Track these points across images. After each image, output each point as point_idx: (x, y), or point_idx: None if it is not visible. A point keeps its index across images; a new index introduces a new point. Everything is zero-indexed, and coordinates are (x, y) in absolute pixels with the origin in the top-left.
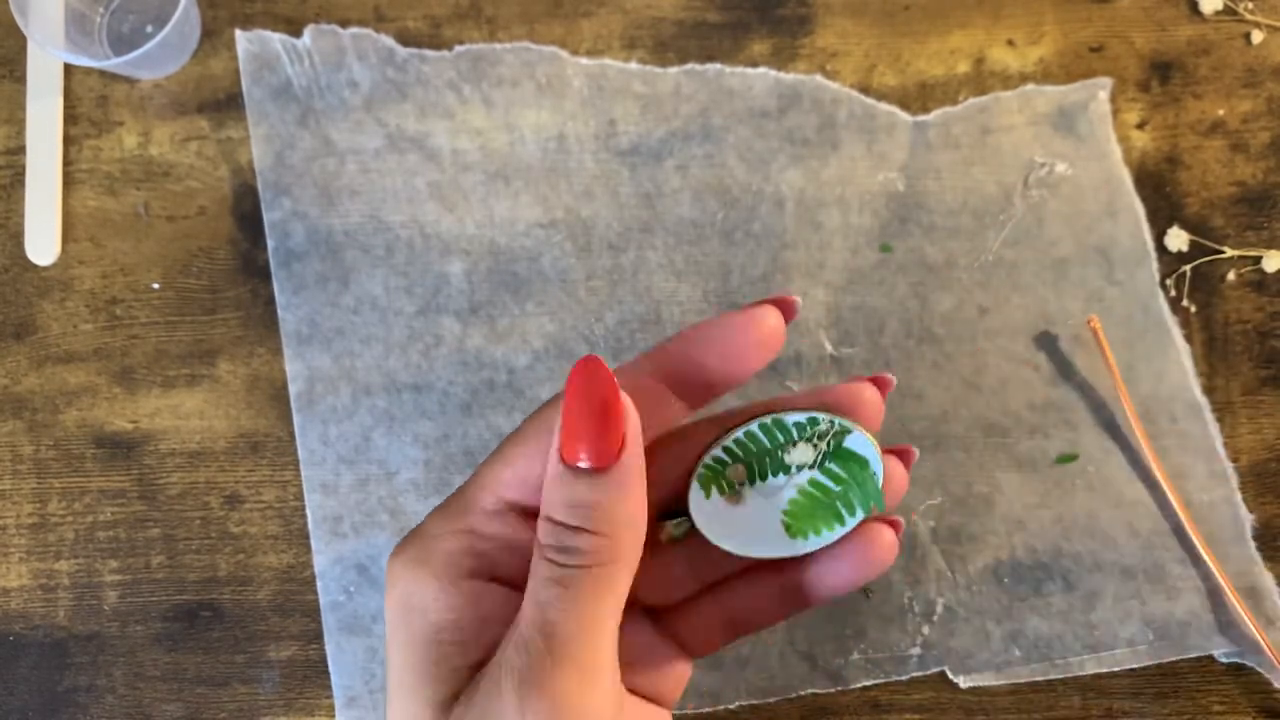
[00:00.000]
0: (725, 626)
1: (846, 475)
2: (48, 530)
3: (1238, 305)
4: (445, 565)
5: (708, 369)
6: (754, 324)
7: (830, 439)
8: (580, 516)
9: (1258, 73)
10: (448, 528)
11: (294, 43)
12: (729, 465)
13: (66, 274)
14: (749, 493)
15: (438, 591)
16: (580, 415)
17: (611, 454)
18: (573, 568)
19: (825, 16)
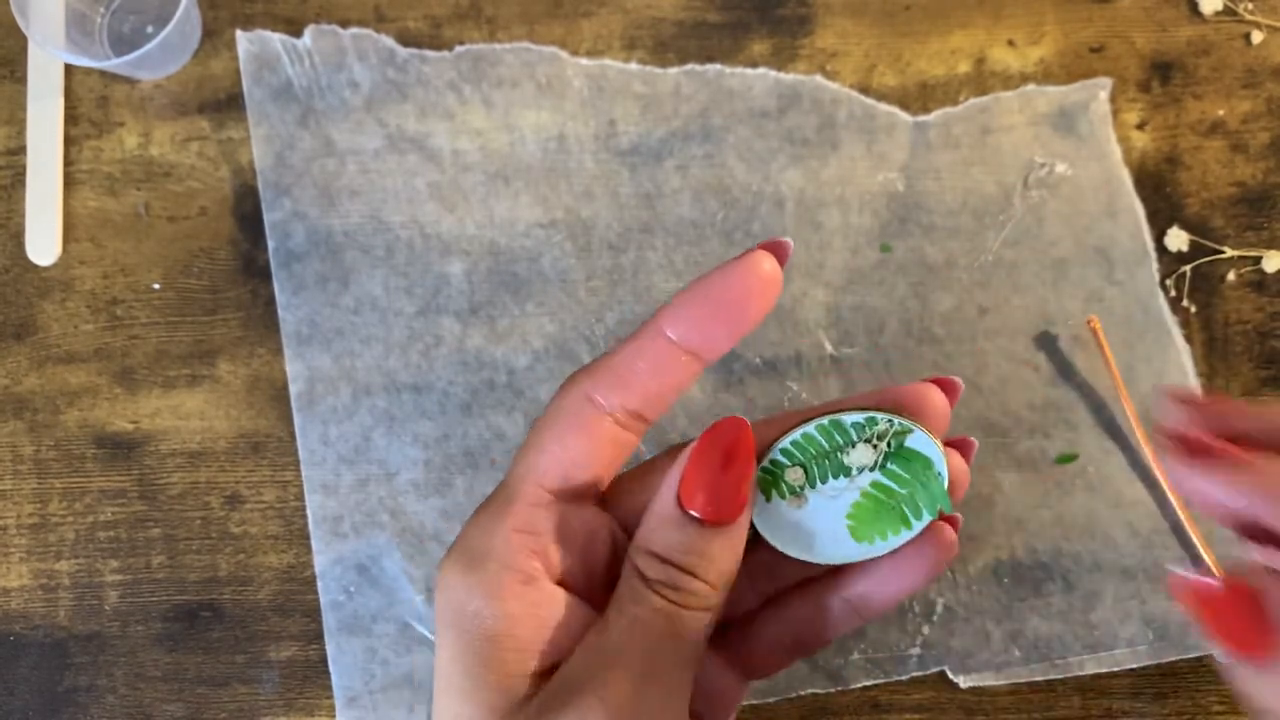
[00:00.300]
0: (789, 646)
1: (910, 476)
2: (48, 530)
3: (1238, 305)
4: (499, 572)
5: (712, 321)
6: (750, 270)
7: (890, 439)
8: (692, 561)
9: (1258, 73)
10: (496, 530)
11: (294, 43)
12: (787, 468)
13: (67, 274)
14: (810, 496)
15: (493, 600)
16: (715, 471)
17: (734, 514)
18: (679, 606)
19: (825, 16)
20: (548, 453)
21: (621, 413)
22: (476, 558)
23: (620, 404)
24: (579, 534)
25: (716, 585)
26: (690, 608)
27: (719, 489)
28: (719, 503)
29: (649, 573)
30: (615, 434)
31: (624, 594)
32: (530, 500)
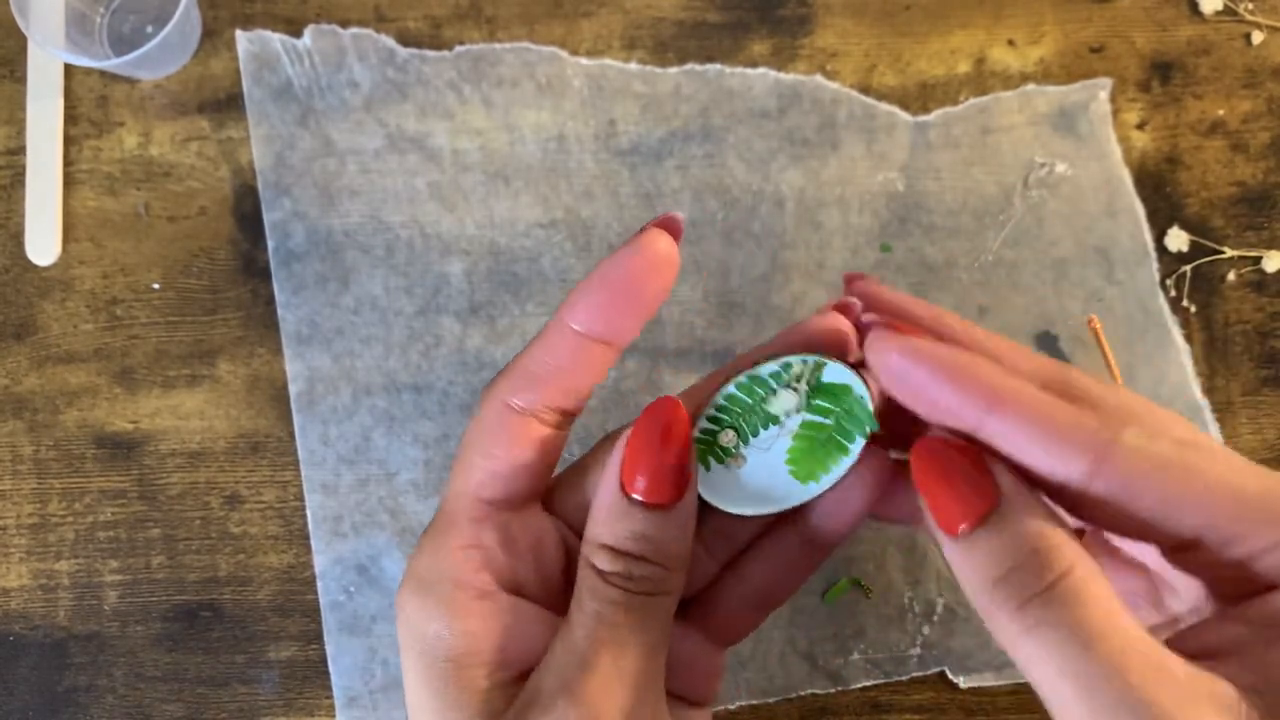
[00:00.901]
0: (755, 603)
1: (834, 406)
2: (48, 530)
3: (1238, 305)
4: (452, 591)
5: (612, 307)
6: (644, 251)
7: (808, 377)
8: (644, 547)
9: (1258, 73)
10: (442, 552)
11: (294, 43)
12: (718, 433)
13: (67, 274)
14: (746, 453)
15: (451, 620)
16: (653, 453)
17: (678, 493)
18: (638, 594)
19: (825, 16)
20: (479, 468)
21: (544, 411)
22: (428, 581)
23: (540, 403)
24: (526, 541)
25: (672, 567)
26: (650, 594)
27: (660, 470)
28: (662, 484)
29: (603, 566)
30: (541, 434)
31: (582, 591)
32: (471, 516)
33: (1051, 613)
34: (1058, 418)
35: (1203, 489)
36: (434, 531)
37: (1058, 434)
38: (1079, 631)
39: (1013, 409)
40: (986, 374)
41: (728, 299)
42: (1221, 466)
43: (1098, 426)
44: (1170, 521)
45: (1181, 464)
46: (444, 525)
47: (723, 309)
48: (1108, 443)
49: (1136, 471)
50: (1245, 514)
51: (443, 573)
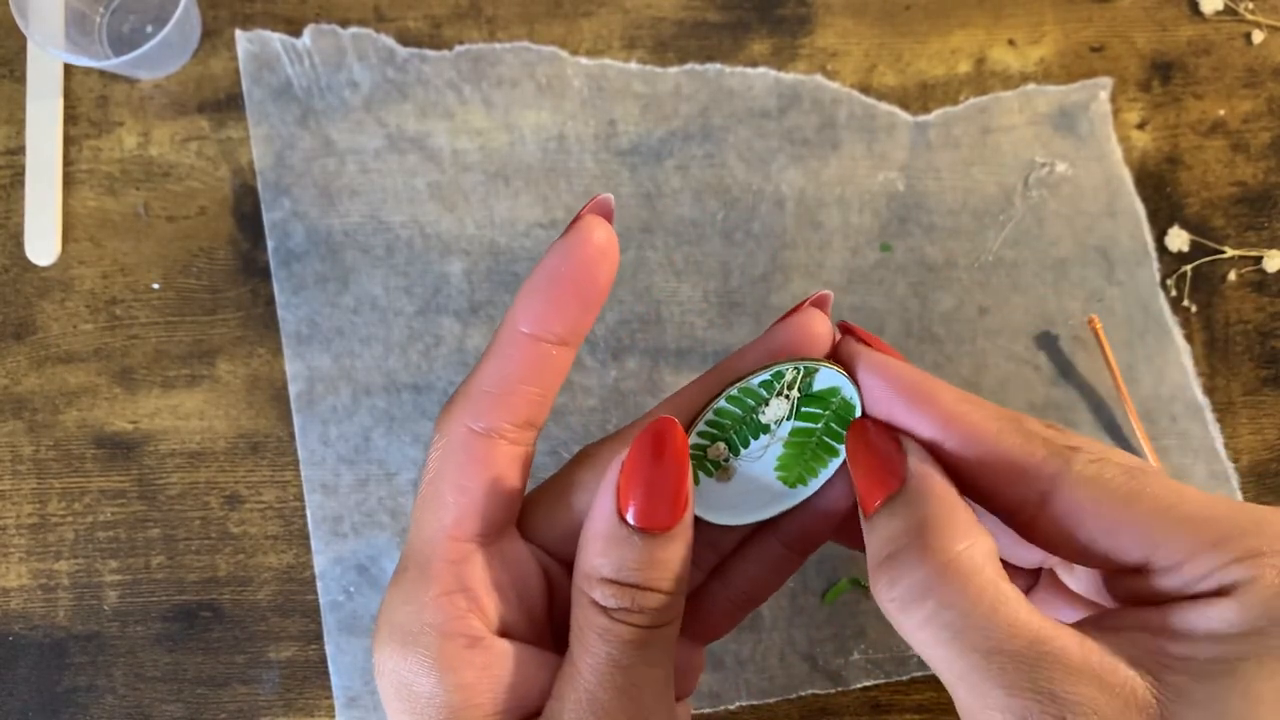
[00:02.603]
0: (737, 604)
1: (823, 410)
2: (48, 530)
3: (1238, 305)
4: (440, 643)
5: (563, 302)
6: (586, 240)
7: (800, 385)
8: (648, 576)
9: (1258, 73)
10: (423, 600)
11: (294, 43)
12: (708, 446)
13: (66, 274)
14: (736, 465)
15: (443, 675)
16: (651, 475)
17: (679, 515)
18: (648, 627)
19: (825, 16)
20: (451, 505)
21: (510, 430)
22: (410, 633)
23: (505, 422)
24: (509, 576)
25: (676, 591)
26: (658, 625)
27: (660, 493)
28: (662, 507)
29: (608, 602)
30: (511, 454)
31: (587, 630)
32: (449, 558)
33: (929, 598)
34: (1011, 442)
35: (1149, 513)
36: (407, 579)
37: (1010, 456)
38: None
39: (966, 429)
40: (945, 396)
41: (728, 299)
42: (1168, 492)
43: (1047, 454)
44: (1116, 546)
45: (1128, 490)
46: (418, 571)
47: (723, 309)
48: (1058, 468)
49: (1086, 496)
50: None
51: (426, 623)
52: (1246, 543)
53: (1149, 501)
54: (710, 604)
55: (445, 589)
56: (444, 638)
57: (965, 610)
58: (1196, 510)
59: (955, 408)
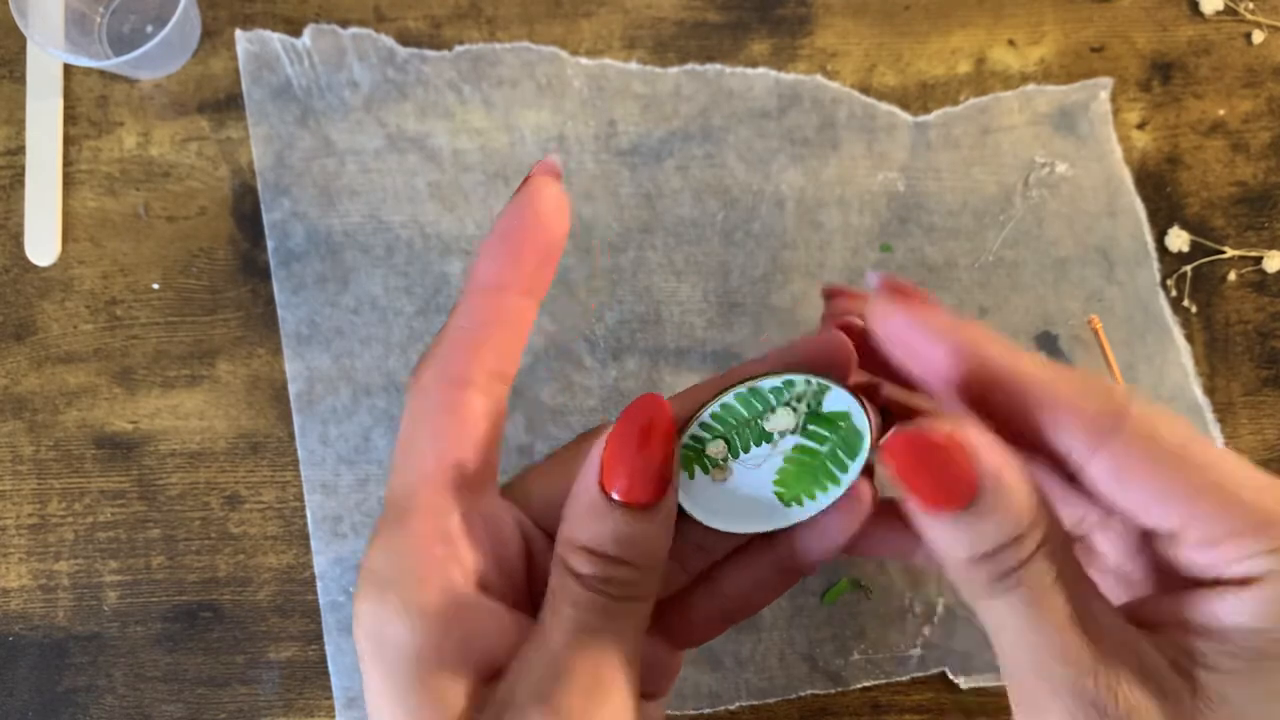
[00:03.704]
0: (723, 615)
1: (830, 433)
2: (48, 531)
3: (1238, 306)
4: (413, 591)
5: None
6: (537, 198)
7: (809, 399)
8: (623, 549)
9: (1258, 73)
10: (403, 549)
11: (294, 43)
12: (708, 441)
13: (66, 274)
14: (734, 467)
15: (412, 622)
16: (635, 450)
17: (659, 493)
18: (618, 599)
19: (825, 16)
20: (429, 453)
21: (481, 378)
22: (387, 582)
23: (477, 370)
24: (486, 531)
25: (651, 569)
26: (629, 598)
27: (642, 469)
28: (643, 484)
29: (582, 569)
30: (484, 405)
31: (558, 595)
32: (428, 509)
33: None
34: (1067, 385)
35: (1194, 483)
36: (386, 529)
37: (1068, 401)
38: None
39: (1024, 373)
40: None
41: (728, 299)
42: (1219, 464)
43: (1101, 404)
44: (1157, 509)
45: (1181, 455)
46: (396, 519)
47: (723, 309)
48: (1110, 428)
49: (1138, 452)
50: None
51: (403, 570)
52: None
53: (1197, 472)
54: (693, 609)
55: (423, 537)
56: (419, 583)
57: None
58: (1243, 490)
59: (1013, 353)
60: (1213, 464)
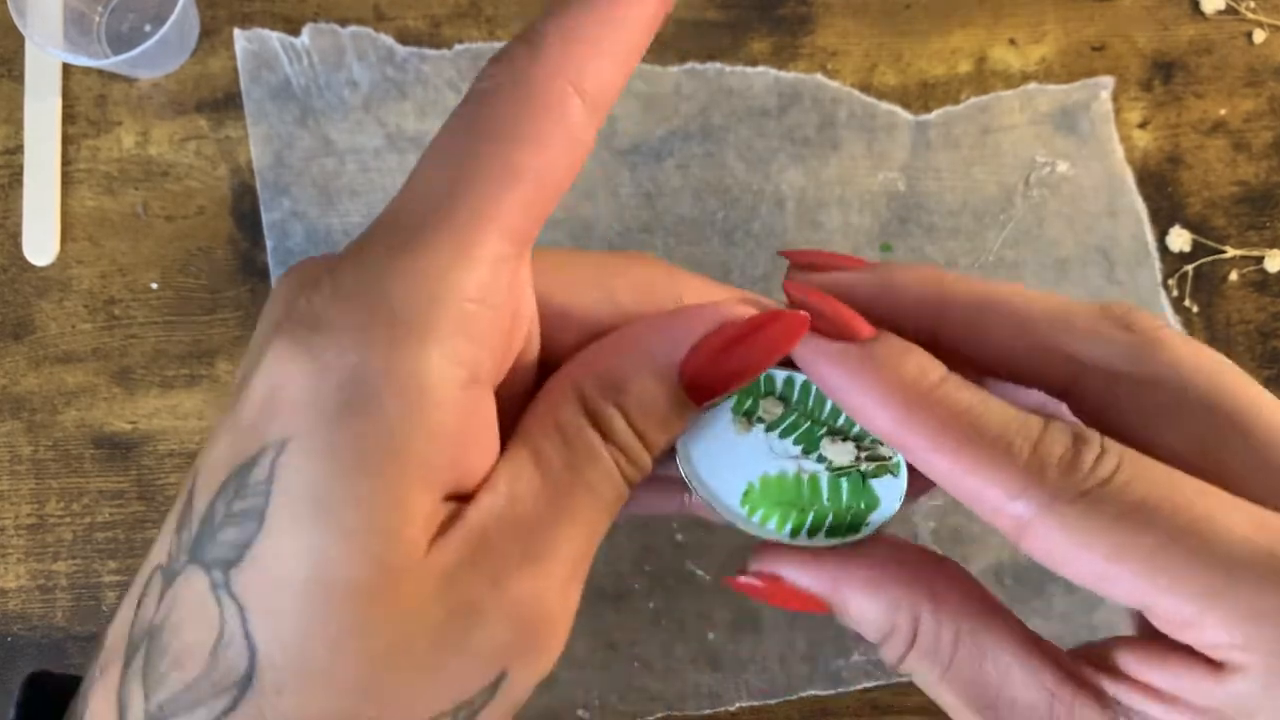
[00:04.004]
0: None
1: (846, 501)
2: (46, 531)
3: (1240, 305)
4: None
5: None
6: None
7: (872, 466)
8: (657, 436)
9: (1260, 72)
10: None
11: (293, 42)
12: (767, 396)
13: (65, 274)
14: (755, 432)
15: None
16: (743, 362)
17: (722, 391)
18: (629, 482)
19: (826, 15)
20: (522, 178)
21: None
22: (406, 328)
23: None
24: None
25: (656, 460)
26: (632, 483)
27: (728, 375)
28: (717, 388)
29: (612, 433)
30: (586, 137)
31: (572, 441)
32: (493, 255)
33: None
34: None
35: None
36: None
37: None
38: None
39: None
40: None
41: None
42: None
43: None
44: (1111, 591)
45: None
46: (454, 249)
47: None
48: (1037, 508)
49: (1071, 537)
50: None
51: (434, 326)
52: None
53: (1156, 552)
54: None
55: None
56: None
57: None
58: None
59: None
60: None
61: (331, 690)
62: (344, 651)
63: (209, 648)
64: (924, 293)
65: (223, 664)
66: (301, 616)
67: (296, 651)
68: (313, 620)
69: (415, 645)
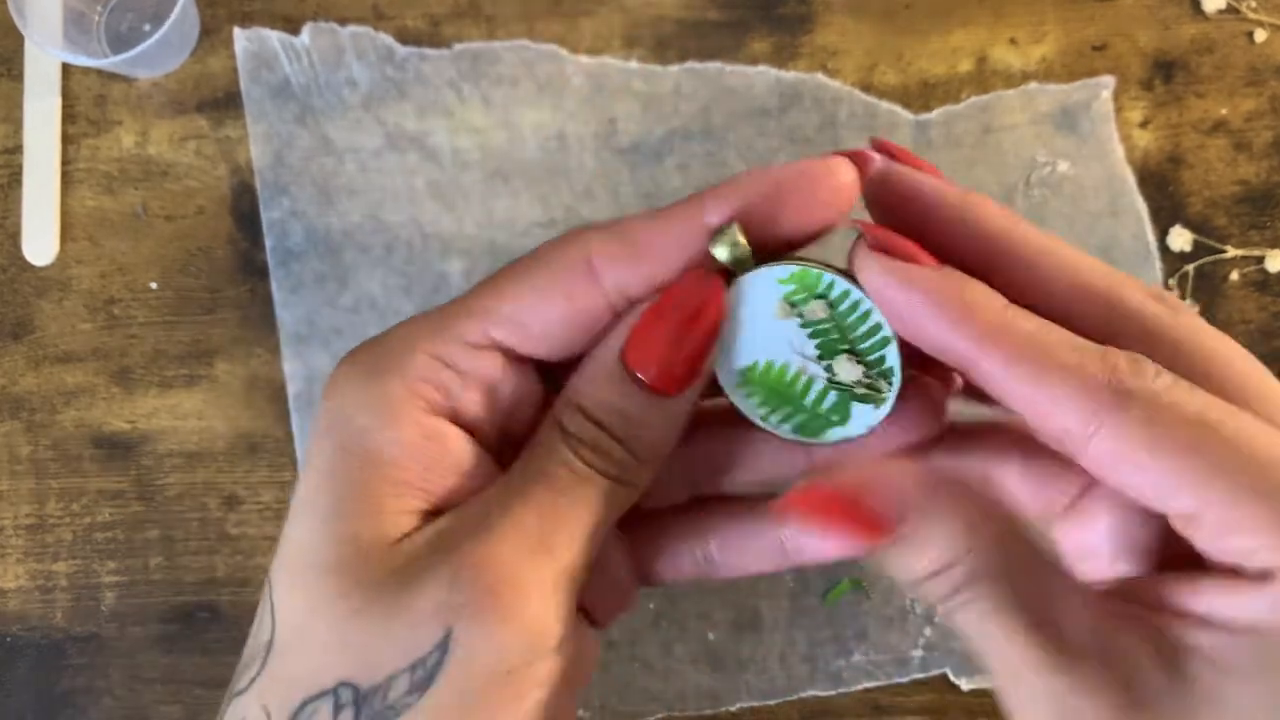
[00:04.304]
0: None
1: (825, 411)
2: (45, 531)
3: (1241, 305)
4: (402, 392)
5: (774, 219)
6: (827, 174)
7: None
8: (623, 429)
9: (1260, 71)
10: (419, 346)
11: (292, 41)
12: (820, 298)
13: (64, 274)
14: (790, 324)
15: (387, 420)
16: (672, 334)
17: (683, 386)
18: (601, 474)
19: (826, 15)
20: (520, 303)
21: (616, 294)
22: (381, 370)
23: (621, 284)
24: (505, 392)
25: (645, 460)
26: (606, 473)
27: (673, 356)
28: (669, 371)
29: (570, 426)
30: (597, 316)
31: (537, 447)
32: (470, 339)
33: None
34: (1055, 366)
35: (1215, 465)
36: (422, 327)
37: (1053, 383)
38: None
39: (1003, 353)
40: (979, 309)
41: None
42: (1250, 438)
43: (1102, 381)
44: (1168, 494)
45: (1197, 430)
46: (437, 328)
47: None
48: (1110, 405)
49: (1139, 440)
50: (1250, 506)
51: (401, 368)
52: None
53: (1215, 449)
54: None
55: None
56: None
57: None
58: (1272, 469)
59: (993, 326)
60: (1236, 436)
61: (314, 649)
62: (320, 616)
63: (258, 623)
64: (998, 221)
65: (261, 634)
66: (295, 590)
67: (291, 619)
68: (303, 593)
69: (373, 609)
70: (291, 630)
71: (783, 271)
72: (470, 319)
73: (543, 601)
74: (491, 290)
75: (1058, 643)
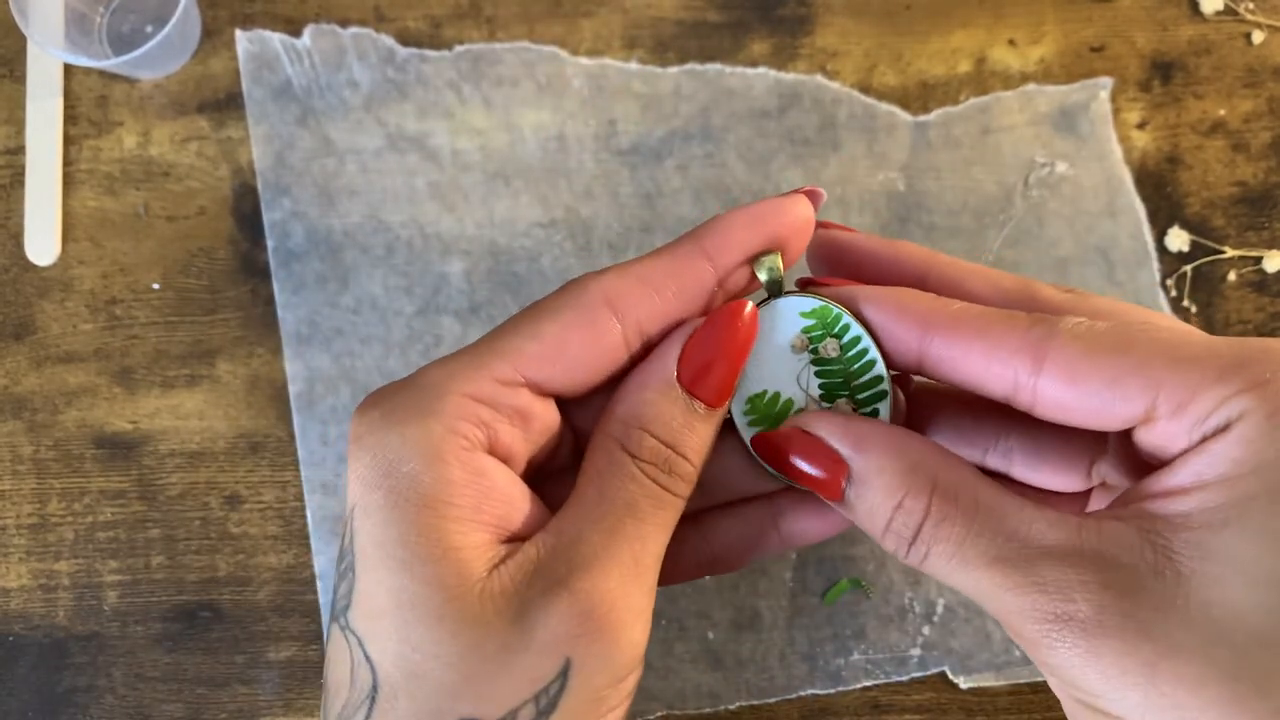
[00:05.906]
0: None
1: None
2: (47, 530)
3: (1239, 306)
4: (442, 434)
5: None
6: (785, 209)
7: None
8: (685, 442)
9: (1258, 73)
10: (453, 388)
11: (294, 42)
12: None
13: (66, 274)
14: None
15: (433, 463)
16: (720, 353)
17: (725, 398)
18: (671, 491)
19: (825, 16)
20: (543, 342)
21: (633, 331)
22: (418, 414)
23: (637, 321)
24: (538, 426)
25: (697, 470)
26: (675, 493)
27: (719, 373)
28: (719, 388)
29: (640, 451)
30: (616, 351)
31: (606, 471)
32: (499, 376)
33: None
34: (990, 326)
35: (1146, 357)
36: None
37: (991, 339)
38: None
39: (944, 329)
40: (917, 304)
41: None
42: (1167, 335)
43: (1030, 324)
44: (1120, 398)
45: (1119, 339)
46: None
47: None
48: (1043, 337)
49: (1076, 355)
50: (1192, 375)
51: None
52: (1250, 372)
53: (1145, 347)
54: (683, 543)
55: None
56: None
57: (959, 539)
58: (1197, 348)
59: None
60: (1159, 334)
61: (431, 691)
62: (431, 657)
63: (349, 674)
64: (920, 253)
65: (358, 684)
66: (395, 637)
67: (400, 664)
68: (403, 638)
69: (486, 647)
70: (402, 674)
71: (806, 304)
72: (502, 359)
73: (640, 622)
74: (515, 331)
75: (1025, 563)
